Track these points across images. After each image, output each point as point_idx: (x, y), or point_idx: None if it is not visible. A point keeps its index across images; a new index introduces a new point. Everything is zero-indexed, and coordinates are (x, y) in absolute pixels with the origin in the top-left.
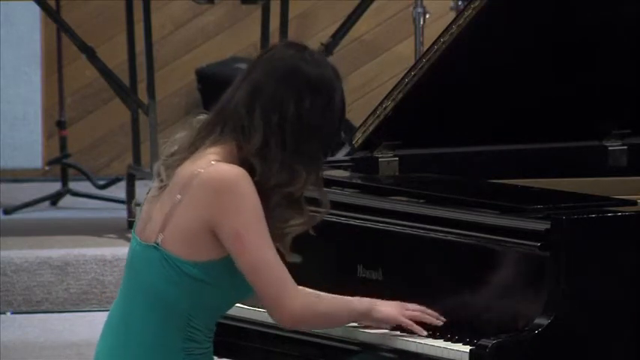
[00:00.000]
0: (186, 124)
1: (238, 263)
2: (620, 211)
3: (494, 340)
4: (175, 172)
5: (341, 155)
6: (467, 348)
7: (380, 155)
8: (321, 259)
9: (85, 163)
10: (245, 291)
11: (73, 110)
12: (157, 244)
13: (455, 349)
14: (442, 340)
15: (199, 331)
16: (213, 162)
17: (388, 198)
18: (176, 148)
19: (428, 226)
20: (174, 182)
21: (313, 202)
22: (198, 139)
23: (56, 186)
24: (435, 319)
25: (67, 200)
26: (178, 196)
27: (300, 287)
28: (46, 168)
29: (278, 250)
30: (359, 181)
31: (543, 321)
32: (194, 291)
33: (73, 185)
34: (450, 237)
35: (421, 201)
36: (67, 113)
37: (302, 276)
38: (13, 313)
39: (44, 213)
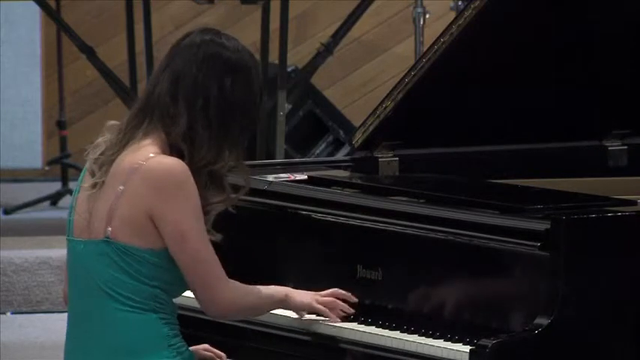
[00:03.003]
0: (103, 130)
1: (177, 257)
2: (620, 211)
3: (494, 340)
4: (113, 165)
5: (341, 155)
6: (467, 348)
7: (380, 155)
8: (321, 259)
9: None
10: None
11: (73, 110)
12: (108, 238)
13: (455, 349)
14: (442, 340)
15: (165, 306)
16: (152, 154)
17: (388, 198)
18: (104, 148)
19: (428, 226)
20: (114, 174)
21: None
22: (128, 131)
23: (56, 186)
24: (348, 302)
25: (67, 200)
26: (121, 187)
27: (231, 280)
28: (46, 168)
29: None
30: (359, 181)
31: (543, 321)
32: (156, 276)
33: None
34: (450, 237)
35: (421, 201)
36: (67, 113)
37: (302, 275)
38: (13, 313)
39: (44, 213)
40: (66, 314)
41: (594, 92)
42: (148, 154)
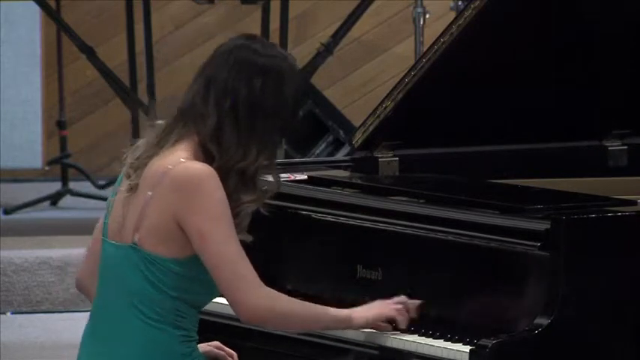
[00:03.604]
0: (146, 132)
1: (202, 259)
2: (620, 211)
3: (494, 340)
4: (145, 170)
5: (341, 155)
6: (467, 348)
7: (380, 155)
8: (321, 259)
9: (85, 163)
10: None
11: (73, 110)
12: (135, 244)
13: (455, 349)
14: (442, 340)
15: (186, 319)
16: (182, 159)
17: (388, 198)
18: (142, 151)
19: (428, 226)
20: (145, 179)
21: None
22: (164, 137)
23: (56, 186)
24: (414, 310)
25: (67, 200)
26: (149, 193)
27: (265, 286)
28: (46, 168)
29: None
30: (359, 181)
31: (543, 321)
32: (179, 286)
33: (73, 185)
34: (450, 237)
35: (421, 201)
36: (67, 113)
37: (302, 275)
38: (13, 313)
39: (44, 213)
40: (66, 314)
41: (594, 92)
42: (178, 159)
